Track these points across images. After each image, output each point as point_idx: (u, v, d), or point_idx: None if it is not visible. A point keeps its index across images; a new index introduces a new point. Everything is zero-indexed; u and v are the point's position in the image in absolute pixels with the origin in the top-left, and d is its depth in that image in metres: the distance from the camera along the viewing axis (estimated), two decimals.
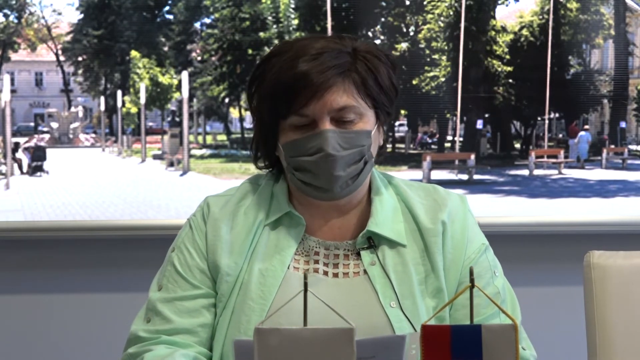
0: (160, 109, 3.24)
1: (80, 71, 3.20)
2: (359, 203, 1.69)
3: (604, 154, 3.31)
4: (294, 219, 1.66)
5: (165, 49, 3.17)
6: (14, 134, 3.14)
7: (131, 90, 3.17)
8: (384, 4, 3.15)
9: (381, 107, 1.64)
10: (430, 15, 3.13)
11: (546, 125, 3.28)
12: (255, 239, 1.65)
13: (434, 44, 3.15)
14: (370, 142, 1.61)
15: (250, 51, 3.17)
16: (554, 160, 3.32)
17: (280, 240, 1.65)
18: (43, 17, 3.12)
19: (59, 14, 3.12)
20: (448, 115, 3.22)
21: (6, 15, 3.10)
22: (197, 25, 3.20)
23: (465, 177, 3.26)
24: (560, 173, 3.32)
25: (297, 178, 1.62)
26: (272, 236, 1.65)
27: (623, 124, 3.29)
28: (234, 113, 3.35)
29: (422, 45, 3.15)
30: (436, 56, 3.15)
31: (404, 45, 3.17)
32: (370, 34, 3.18)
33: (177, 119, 3.22)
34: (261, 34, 3.14)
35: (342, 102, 1.58)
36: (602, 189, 3.25)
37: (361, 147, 1.60)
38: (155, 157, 3.24)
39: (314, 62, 1.58)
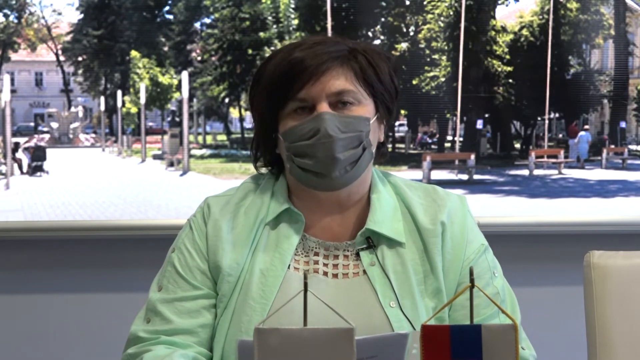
0: (160, 109, 3.24)
1: (80, 71, 3.20)
2: (359, 200, 1.69)
3: (604, 154, 3.31)
4: (293, 215, 1.66)
5: (165, 49, 3.17)
6: (14, 134, 3.14)
7: (131, 90, 3.17)
8: (384, 4, 3.15)
9: (380, 98, 1.64)
10: (430, 15, 3.14)
11: (546, 125, 3.28)
12: (256, 239, 1.65)
13: (434, 44, 3.15)
14: (369, 130, 1.61)
15: (250, 51, 3.17)
16: (554, 160, 3.32)
17: (281, 238, 1.65)
18: (43, 17, 3.12)
19: (59, 14, 3.12)
20: (448, 115, 3.22)
21: (6, 15, 3.11)
22: (197, 25, 3.20)
23: (465, 177, 3.26)
24: (560, 173, 3.32)
25: (297, 165, 1.61)
26: (273, 235, 1.65)
27: (623, 124, 3.29)
28: (234, 113, 3.35)
29: (422, 45, 3.15)
30: (436, 56, 3.15)
31: (404, 45, 3.17)
32: (370, 34, 3.18)
33: (177, 119, 3.22)
34: (261, 34, 3.14)
35: (339, 85, 1.59)
36: (602, 189, 3.25)
37: (359, 132, 1.60)
38: (155, 157, 3.24)
39: (309, 50, 1.60)
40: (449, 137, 3.27)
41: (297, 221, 1.66)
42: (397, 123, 3.27)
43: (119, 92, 3.18)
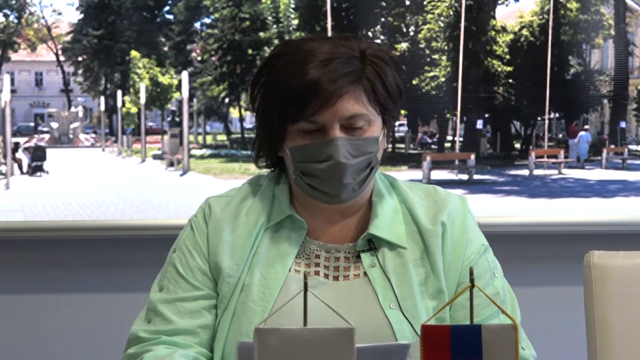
0: (160, 109, 3.24)
1: (80, 71, 3.20)
2: (361, 205, 1.69)
3: (604, 154, 3.31)
4: (295, 222, 1.66)
5: (165, 49, 3.17)
6: (14, 134, 3.14)
7: (131, 90, 3.17)
8: (384, 4, 3.15)
9: (388, 112, 1.63)
10: (430, 15, 3.14)
11: (546, 125, 3.28)
12: (257, 242, 1.65)
13: (434, 44, 3.15)
14: (378, 149, 1.61)
15: (250, 51, 3.17)
16: (554, 160, 3.32)
17: (282, 243, 1.64)
18: (43, 17, 3.12)
19: (59, 14, 3.12)
20: (448, 115, 3.22)
21: (6, 15, 3.11)
22: (197, 25, 3.20)
23: (465, 177, 3.26)
24: (560, 173, 3.32)
25: (305, 182, 1.61)
26: (274, 239, 1.65)
27: (623, 124, 3.29)
28: (234, 113, 3.35)
29: (422, 45, 3.15)
30: (436, 56, 3.15)
31: (404, 45, 3.17)
32: (370, 34, 3.18)
33: (177, 119, 3.22)
34: (261, 34, 3.14)
35: (353, 110, 1.57)
36: (602, 189, 3.25)
37: (369, 154, 1.59)
38: (155, 157, 3.24)
39: (324, 69, 1.55)
40: (449, 137, 3.27)
41: (299, 228, 1.66)
42: (397, 123, 3.27)
43: (119, 92, 3.18)
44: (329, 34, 3.07)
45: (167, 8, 3.18)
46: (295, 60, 1.58)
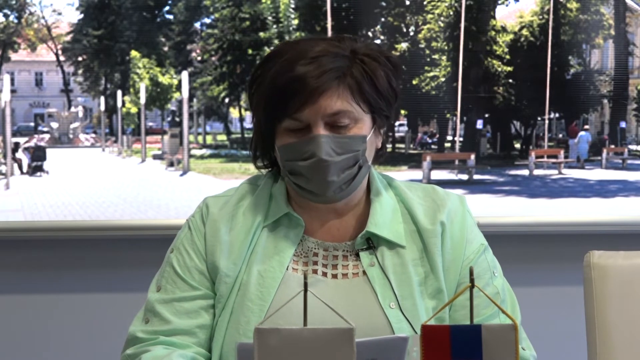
0: (160, 109, 3.24)
1: (80, 71, 3.20)
2: (357, 204, 1.69)
3: (604, 154, 3.31)
4: (292, 220, 1.66)
5: (165, 49, 3.17)
6: (14, 134, 3.14)
7: (131, 90, 3.17)
8: (384, 4, 3.15)
9: (378, 111, 1.62)
10: (430, 15, 3.13)
11: (546, 125, 3.28)
12: (254, 240, 1.65)
13: (434, 44, 3.15)
14: (365, 147, 1.60)
15: (250, 51, 3.17)
16: (554, 160, 3.32)
17: (279, 241, 1.65)
18: (43, 17, 3.12)
19: (59, 14, 3.12)
20: (448, 115, 3.22)
21: (6, 15, 3.10)
22: (197, 25, 3.20)
23: (465, 177, 3.26)
24: (560, 173, 3.32)
25: (292, 181, 1.61)
26: (271, 237, 1.65)
27: (623, 124, 3.29)
28: (234, 113, 3.35)
29: (422, 45, 3.15)
30: (436, 56, 3.15)
31: (404, 45, 3.17)
32: (370, 34, 3.18)
33: (177, 119, 3.22)
34: (261, 34, 3.14)
35: (336, 107, 1.57)
36: (602, 189, 3.25)
37: (355, 152, 1.59)
38: (155, 157, 3.24)
39: (310, 66, 1.56)
40: (449, 137, 3.27)
41: (296, 226, 1.66)
42: (397, 123, 3.27)
43: (119, 92, 3.18)
44: (329, 34, 3.07)
45: (167, 8, 3.18)
46: (286, 59, 1.59)
